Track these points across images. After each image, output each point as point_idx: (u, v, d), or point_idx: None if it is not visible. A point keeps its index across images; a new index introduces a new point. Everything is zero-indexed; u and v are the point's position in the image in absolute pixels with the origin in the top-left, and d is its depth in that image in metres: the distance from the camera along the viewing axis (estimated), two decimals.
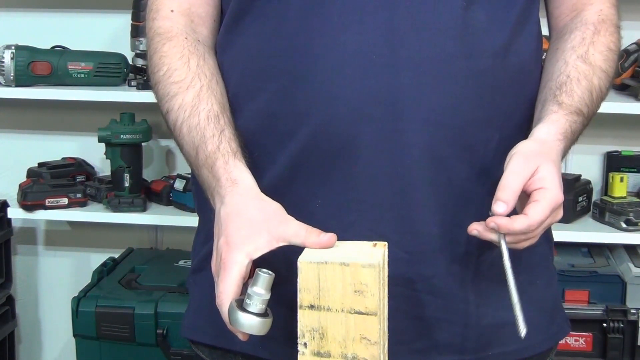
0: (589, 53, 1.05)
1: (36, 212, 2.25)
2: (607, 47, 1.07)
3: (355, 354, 0.86)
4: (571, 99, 1.01)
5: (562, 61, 1.05)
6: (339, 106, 0.98)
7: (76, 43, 2.32)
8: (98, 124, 2.25)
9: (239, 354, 1.10)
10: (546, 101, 1.02)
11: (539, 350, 1.11)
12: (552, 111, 1.00)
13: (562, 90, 1.02)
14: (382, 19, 0.97)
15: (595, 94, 1.04)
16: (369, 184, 0.99)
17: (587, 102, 1.02)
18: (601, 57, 1.05)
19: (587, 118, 1.03)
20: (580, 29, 1.07)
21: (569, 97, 1.01)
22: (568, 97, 1.01)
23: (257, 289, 0.88)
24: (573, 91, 1.02)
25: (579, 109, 1.01)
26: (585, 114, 1.03)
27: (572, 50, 1.06)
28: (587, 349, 2.08)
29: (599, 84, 1.04)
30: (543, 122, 1.00)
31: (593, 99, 1.03)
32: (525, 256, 1.08)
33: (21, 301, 2.58)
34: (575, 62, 1.04)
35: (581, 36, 1.07)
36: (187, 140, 1.01)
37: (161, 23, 1.08)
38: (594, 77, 1.04)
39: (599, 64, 1.05)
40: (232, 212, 0.94)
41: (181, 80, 1.03)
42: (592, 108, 1.04)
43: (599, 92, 1.04)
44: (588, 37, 1.06)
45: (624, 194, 2.16)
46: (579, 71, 1.03)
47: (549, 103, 1.02)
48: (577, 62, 1.04)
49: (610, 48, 1.07)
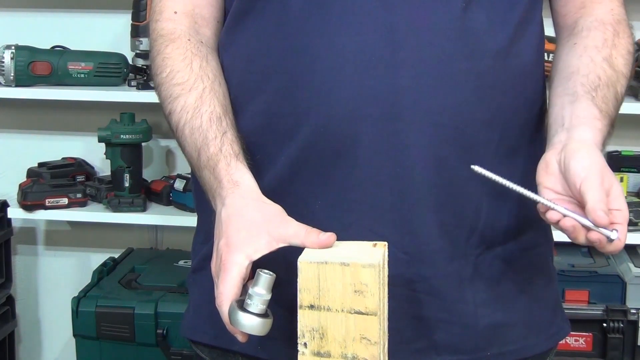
0: (612, 57, 1.03)
1: (36, 212, 2.25)
2: (627, 50, 1.06)
3: (355, 354, 0.86)
4: (607, 107, 1.00)
5: (588, 58, 1.03)
6: (339, 106, 0.98)
7: (76, 43, 2.32)
8: (98, 124, 2.25)
9: (238, 354, 1.10)
10: (581, 98, 0.99)
11: (539, 350, 1.10)
12: (594, 117, 0.98)
13: (597, 93, 1.00)
14: (382, 19, 0.97)
15: (618, 102, 1.03)
16: (368, 184, 0.99)
17: (613, 110, 1.02)
18: (623, 61, 1.04)
19: (612, 127, 1.02)
20: (600, 29, 1.06)
21: (605, 104, 1.00)
22: (604, 103, 1.00)
23: (258, 289, 0.88)
24: (607, 97, 1.00)
25: (612, 117, 1.00)
26: (612, 122, 1.02)
27: (596, 50, 1.03)
28: (587, 349, 2.08)
29: (621, 91, 1.03)
30: (586, 126, 0.96)
31: (617, 107, 1.03)
32: (525, 256, 1.08)
33: (21, 301, 2.58)
34: (602, 64, 1.02)
35: (602, 37, 1.05)
36: (189, 142, 1.01)
37: (164, 25, 1.08)
38: (618, 84, 1.03)
39: (621, 69, 1.04)
40: (233, 213, 0.94)
41: (184, 82, 1.03)
42: (614, 117, 1.02)
43: (620, 99, 1.04)
44: (609, 38, 1.05)
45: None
46: (608, 75, 1.02)
47: (588, 103, 0.99)
48: (604, 65, 1.02)
49: (629, 51, 1.06)
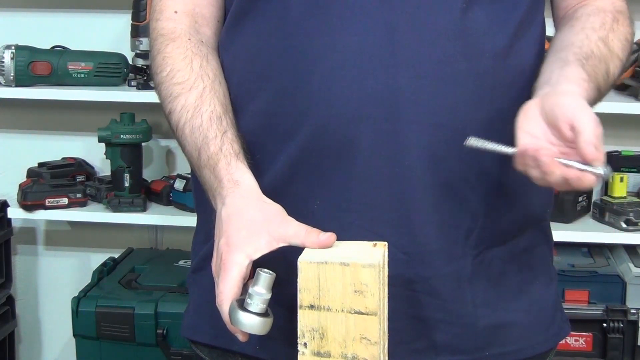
0: (609, 38, 1.04)
1: (36, 212, 2.25)
2: (624, 36, 1.06)
3: (355, 354, 0.86)
4: (596, 75, 1.00)
5: (584, 35, 1.04)
6: (338, 106, 0.98)
7: (76, 43, 2.32)
8: (98, 124, 2.24)
9: (238, 354, 1.10)
10: (570, 63, 1.00)
11: (539, 350, 1.10)
12: (582, 78, 0.98)
13: (588, 62, 1.00)
14: (382, 19, 0.97)
15: (609, 80, 1.03)
16: (367, 184, 0.99)
17: (602, 84, 1.02)
18: (619, 44, 1.05)
19: (598, 99, 1.02)
20: (599, 15, 1.06)
21: (594, 72, 1.00)
22: (594, 71, 1.00)
23: (258, 289, 0.88)
24: (597, 68, 1.01)
25: (600, 89, 1.01)
26: (600, 96, 1.02)
27: (592, 30, 1.04)
28: (587, 349, 2.08)
29: (613, 71, 1.04)
30: (573, 83, 0.97)
31: (607, 84, 1.03)
32: (525, 256, 1.08)
33: (21, 301, 2.58)
34: (597, 42, 1.03)
35: (601, 21, 1.05)
36: (189, 142, 1.01)
37: (165, 24, 1.08)
38: (611, 62, 1.03)
39: (616, 51, 1.04)
40: (233, 213, 0.94)
41: (184, 82, 1.03)
42: (603, 92, 1.03)
43: (612, 77, 1.04)
44: (608, 23, 1.05)
45: (624, 194, 2.16)
46: (601, 52, 1.02)
47: (577, 68, 0.99)
48: (599, 43, 1.03)
49: (627, 38, 1.07)
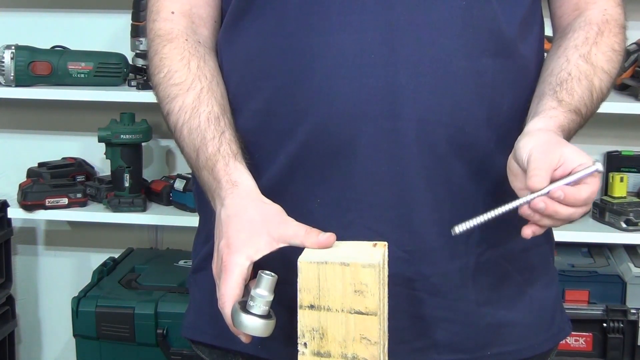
0: (591, 53, 1.04)
1: (36, 212, 2.25)
2: (610, 47, 1.06)
3: (355, 354, 0.86)
4: (571, 98, 1.00)
5: (564, 58, 1.04)
6: (338, 105, 0.98)
7: (76, 43, 2.32)
8: (98, 124, 2.24)
9: (238, 354, 1.10)
10: (544, 95, 1.01)
11: (539, 350, 1.10)
12: (551, 107, 0.99)
13: (562, 87, 1.01)
14: (381, 18, 0.97)
15: (596, 95, 1.03)
16: (367, 182, 0.99)
17: (586, 102, 1.02)
18: (604, 57, 1.05)
19: (584, 119, 1.02)
20: (584, 29, 1.06)
21: (569, 95, 1.00)
22: (568, 95, 1.00)
23: (260, 291, 0.88)
24: (574, 90, 1.01)
25: (578, 108, 1.00)
26: (583, 115, 1.02)
27: (574, 49, 1.04)
28: (587, 349, 2.08)
29: (599, 85, 1.03)
30: (540, 116, 0.98)
31: (593, 100, 1.03)
32: (525, 256, 1.08)
33: (21, 301, 2.58)
34: (577, 61, 1.03)
35: (584, 36, 1.05)
36: (187, 142, 1.01)
37: (162, 25, 1.08)
38: (595, 77, 1.03)
39: (600, 65, 1.04)
40: (232, 214, 0.94)
41: (181, 82, 1.03)
42: (590, 108, 1.03)
43: (599, 93, 1.03)
44: (591, 37, 1.05)
45: (624, 194, 2.16)
46: (580, 70, 1.02)
47: (548, 98, 1.00)
48: (579, 61, 1.03)
49: (614, 49, 1.06)
